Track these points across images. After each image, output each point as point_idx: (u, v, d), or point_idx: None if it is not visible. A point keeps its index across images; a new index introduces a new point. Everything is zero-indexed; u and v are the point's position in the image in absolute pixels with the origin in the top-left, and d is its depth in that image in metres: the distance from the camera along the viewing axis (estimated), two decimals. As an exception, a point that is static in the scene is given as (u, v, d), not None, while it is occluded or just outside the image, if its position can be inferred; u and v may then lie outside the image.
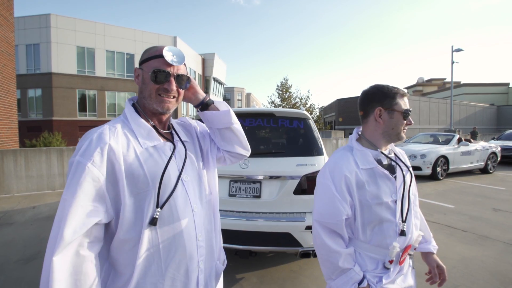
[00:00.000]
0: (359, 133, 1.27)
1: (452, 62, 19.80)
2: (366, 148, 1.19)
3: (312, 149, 2.73)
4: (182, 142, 1.02)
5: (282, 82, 25.26)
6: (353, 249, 1.16)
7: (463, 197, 6.18)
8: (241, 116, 2.93)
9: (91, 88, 23.27)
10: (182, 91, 1.00)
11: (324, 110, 38.15)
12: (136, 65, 1.02)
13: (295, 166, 2.59)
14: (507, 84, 49.41)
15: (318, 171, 2.58)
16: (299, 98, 24.91)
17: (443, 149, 8.35)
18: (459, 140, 8.87)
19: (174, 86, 0.95)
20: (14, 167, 6.47)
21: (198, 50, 44.33)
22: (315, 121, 24.40)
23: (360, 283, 1.11)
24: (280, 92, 25.12)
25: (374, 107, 1.18)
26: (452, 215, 4.88)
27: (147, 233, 0.84)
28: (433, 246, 1.32)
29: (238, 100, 58.71)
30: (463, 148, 8.70)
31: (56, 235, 0.73)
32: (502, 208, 5.29)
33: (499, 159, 9.77)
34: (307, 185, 2.55)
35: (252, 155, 2.71)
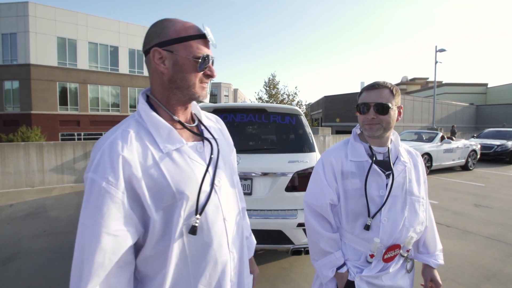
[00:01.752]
0: (361, 129, 1.28)
1: (436, 62, 20.33)
2: (361, 142, 1.23)
3: (304, 146, 2.70)
4: (215, 139, 0.88)
5: (269, 78, 25.31)
6: (338, 235, 1.20)
7: (446, 193, 6.38)
8: (232, 111, 2.87)
9: (73, 81, 22.42)
10: None
11: (311, 107, 38.43)
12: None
13: (287, 162, 2.56)
14: (486, 85, 51.39)
15: (310, 168, 2.56)
16: (286, 94, 25.02)
17: (427, 147, 8.58)
18: (442, 138, 9.15)
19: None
20: (-11, 163, 6.14)
21: (185, 44, 43.41)
22: (303, 118, 24.60)
23: (339, 268, 1.16)
24: (267, 88, 25.13)
25: None
26: (436, 211, 5.01)
27: (175, 247, 0.76)
28: (434, 261, 1.25)
29: (225, 96, 58.27)
30: (445, 146, 8.97)
31: (82, 265, 0.65)
32: (483, 204, 5.49)
33: (478, 156, 10.15)
34: (298, 182, 2.52)
35: (243, 151, 2.67)
